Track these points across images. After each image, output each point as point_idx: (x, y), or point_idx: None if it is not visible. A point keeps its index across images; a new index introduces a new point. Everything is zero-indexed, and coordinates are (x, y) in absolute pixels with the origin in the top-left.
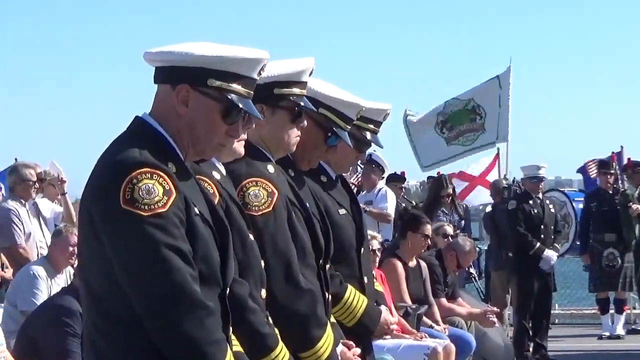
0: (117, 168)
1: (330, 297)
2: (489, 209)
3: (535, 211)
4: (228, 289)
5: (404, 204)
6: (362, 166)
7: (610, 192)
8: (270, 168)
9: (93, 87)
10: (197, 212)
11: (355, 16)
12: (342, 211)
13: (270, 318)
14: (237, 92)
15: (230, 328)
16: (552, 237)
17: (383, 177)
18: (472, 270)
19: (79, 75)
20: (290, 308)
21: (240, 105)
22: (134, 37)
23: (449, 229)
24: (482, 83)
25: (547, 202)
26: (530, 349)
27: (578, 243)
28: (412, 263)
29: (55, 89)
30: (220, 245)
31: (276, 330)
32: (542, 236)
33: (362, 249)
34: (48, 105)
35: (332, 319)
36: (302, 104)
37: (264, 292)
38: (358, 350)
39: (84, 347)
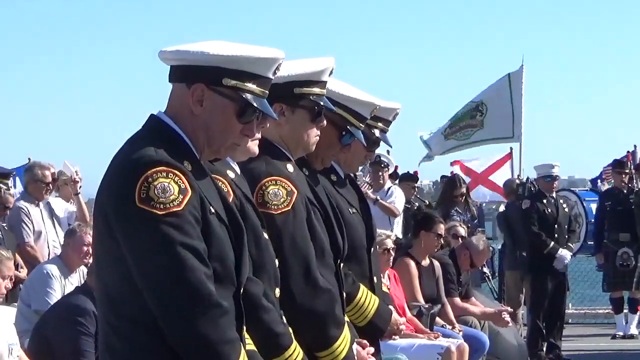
0: (132, 166)
1: (344, 296)
2: (502, 208)
3: (549, 210)
4: (242, 288)
5: (417, 204)
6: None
7: (625, 191)
8: (290, 167)
9: (106, 85)
10: (213, 210)
11: (364, 14)
12: (352, 210)
13: (284, 317)
14: (252, 91)
15: (244, 327)
16: (566, 236)
17: (390, 175)
18: (485, 269)
19: (92, 74)
20: (308, 307)
21: (255, 105)
22: (147, 36)
23: (462, 230)
24: (493, 83)
25: (561, 201)
26: (544, 349)
27: (590, 242)
28: (425, 262)
29: (68, 88)
30: (235, 244)
31: (290, 330)
32: (556, 235)
33: (372, 249)
34: (61, 104)
35: (346, 318)
36: (322, 103)
37: (277, 291)
38: (372, 350)
39: (99, 347)
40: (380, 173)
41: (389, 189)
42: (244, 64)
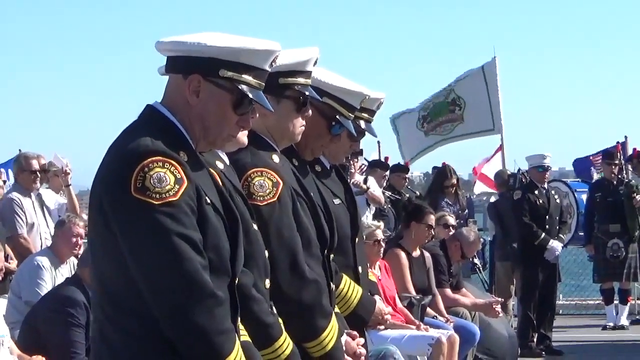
0: (128, 156)
1: (333, 286)
2: (493, 199)
3: (541, 201)
4: (237, 278)
5: (408, 195)
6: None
7: (615, 182)
8: (275, 158)
9: (99, 76)
10: (209, 201)
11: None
12: (337, 201)
13: (274, 308)
14: (248, 83)
15: (239, 318)
16: (557, 227)
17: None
18: (476, 260)
19: (84, 65)
20: (295, 298)
21: (251, 96)
22: (139, 27)
23: (451, 219)
24: (464, 73)
25: (552, 192)
26: (535, 340)
27: (580, 234)
28: (416, 253)
29: (60, 80)
30: (230, 234)
31: (280, 320)
32: (547, 226)
33: (357, 239)
34: (52, 96)
35: (336, 309)
36: (307, 93)
37: (267, 282)
38: (362, 340)
39: (93, 338)
40: (350, 162)
41: (365, 179)
42: (240, 56)
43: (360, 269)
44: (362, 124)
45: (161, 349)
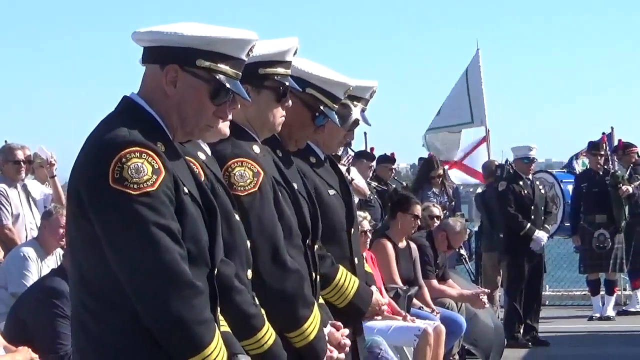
0: (106, 147)
1: (318, 277)
2: (480, 189)
3: (526, 192)
4: (216, 269)
5: (394, 185)
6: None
7: (601, 173)
8: (256, 148)
9: (83, 69)
10: (187, 191)
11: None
12: (332, 192)
13: (256, 298)
14: (226, 72)
15: (218, 308)
16: (543, 218)
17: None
18: (462, 251)
19: (70, 57)
20: (276, 288)
21: (228, 86)
22: (121, 17)
23: (436, 210)
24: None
25: (537, 182)
26: (521, 331)
27: (566, 224)
28: (402, 244)
29: (44, 71)
30: (208, 225)
31: (262, 311)
32: (532, 217)
33: (353, 230)
34: (39, 87)
35: (321, 300)
36: (286, 83)
37: (250, 273)
38: (346, 331)
39: (73, 328)
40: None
41: (347, 170)
42: (217, 45)
43: (356, 260)
44: (357, 113)
45: (143, 341)
